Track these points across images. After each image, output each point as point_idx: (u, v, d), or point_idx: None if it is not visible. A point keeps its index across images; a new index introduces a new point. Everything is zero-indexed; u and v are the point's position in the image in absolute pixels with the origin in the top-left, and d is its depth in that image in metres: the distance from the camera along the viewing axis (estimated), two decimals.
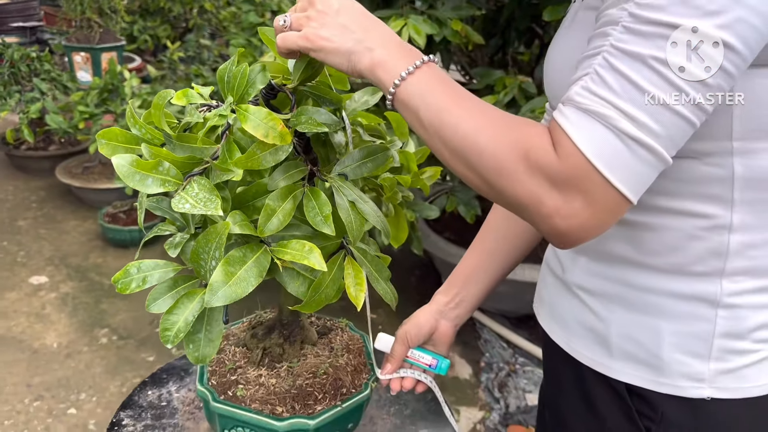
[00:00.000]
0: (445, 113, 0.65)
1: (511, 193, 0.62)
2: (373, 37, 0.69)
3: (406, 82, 0.67)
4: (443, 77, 0.68)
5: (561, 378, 0.89)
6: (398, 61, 0.68)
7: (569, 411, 0.87)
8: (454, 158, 0.66)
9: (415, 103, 0.67)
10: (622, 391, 0.78)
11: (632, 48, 0.56)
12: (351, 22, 0.69)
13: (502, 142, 0.61)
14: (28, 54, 3.61)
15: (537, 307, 0.98)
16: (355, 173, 0.81)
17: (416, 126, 0.69)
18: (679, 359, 0.74)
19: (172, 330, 0.74)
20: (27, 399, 2.14)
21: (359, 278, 0.80)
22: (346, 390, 0.98)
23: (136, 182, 0.70)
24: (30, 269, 2.94)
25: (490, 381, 2.34)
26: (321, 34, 0.69)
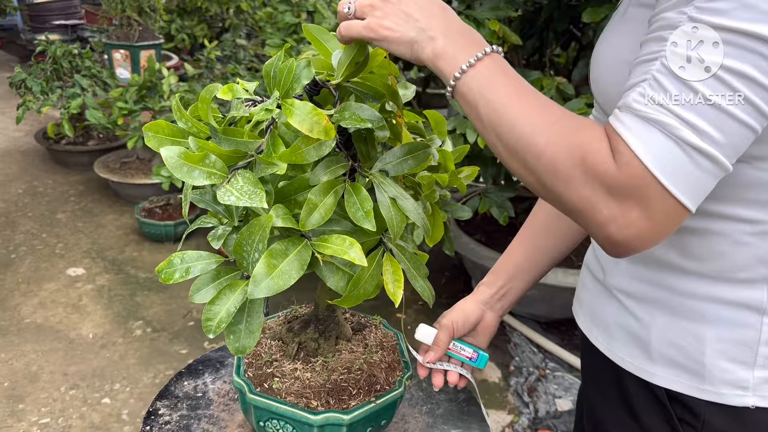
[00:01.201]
0: (503, 110, 0.63)
1: (567, 198, 0.61)
2: (436, 25, 0.68)
3: (467, 75, 0.66)
4: (505, 70, 0.66)
5: (601, 382, 0.88)
6: (460, 51, 0.66)
7: (609, 416, 0.86)
8: (510, 156, 0.65)
9: (474, 98, 0.66)
10: (663, 397, 0.77)
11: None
12: (415, 10, 0.68)
13: (560, 145, 0.60)
14: (70, 51, 3.69)
15: (576, 309, 0.97)
16: (396, 170, 0.81)
17: (474, 119, 0.68)
18: (723, 366, 0.72)
19: (214, 320, 0.75)
20: (63, 387, 2.19)
21: (397, 275, 0.81)
22: (380, 387, 0.98)
23: (183, 174, 0.71)
24: (68, 261, 3.00)
25: (519, 385, 2.32)
26: (384, 24, 0.68)
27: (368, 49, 0.79)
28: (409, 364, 1.05)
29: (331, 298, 0.83)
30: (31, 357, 2.33)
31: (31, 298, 2.69)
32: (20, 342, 2.41)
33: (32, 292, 2.74)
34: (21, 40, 7.29)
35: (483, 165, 2.15)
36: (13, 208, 3.52)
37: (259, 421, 0.96)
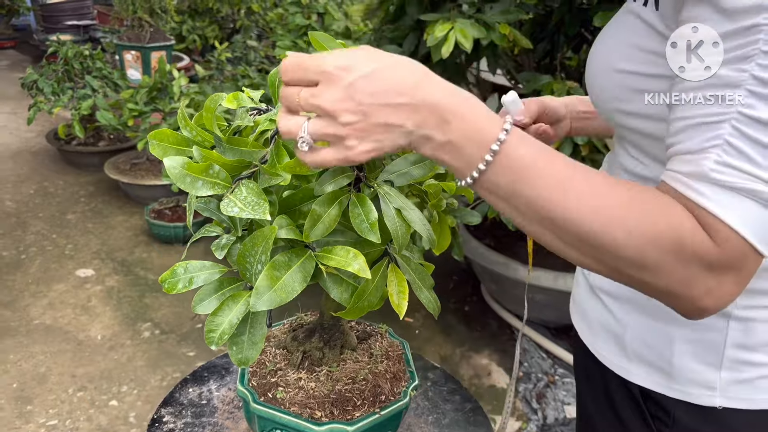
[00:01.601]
0: (552, 207, 0.55)
1: (656, 284, 0.57)
2: (423, 119, 0.55)
3: (489, 173, 0.56)
4: (534, 150, 0.57)
5: (589, 378, 0.91)
6: (468, 142, 0.55)
7: (596, 410, 0.89)
8: (572, 249, 0.58)
9: (505, 194, 0.57)
10: (638, 394, 0.79)
11: (766, 115, 0.52)
12: (392, 114, 0.54)
13: (645, 236, 0.54)
14: (81, 52, 3.71)
15: (571, 306, 0.99)
16: (402, 180, 0.80)
17: (509, 213, 0.59)
18: (690, 366, 0.74)
19: (216, 332, 0.75)
20: (71, 389, 2.19)
21: (402, 286, 0.80)
22: (385, 397, 0.97)
23: (186, 184, 0.70)
24: (77, 262, 3.01)
25: (528, 391, 2.30)
26: (365, 149, 0.56)
27: None
28: (414, 374, 1.04)
29: (336, 308, 0.83)
30: (39, 358, 2.34)
31: (41, 299, 2.70)
32: (29, 343, 2.42)
33: (42, 292, 2.75)
34: (34, 40, 7.35)
35: None
36: (24, 208, 3.54)
37: (263, 431, 0.96)
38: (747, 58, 0.52)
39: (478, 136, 0.55)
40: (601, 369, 0.85)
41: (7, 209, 3.51)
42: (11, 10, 7.77)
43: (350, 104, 0.53)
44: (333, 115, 0.54)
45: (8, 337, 2.44)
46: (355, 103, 0.53)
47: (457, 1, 2.01)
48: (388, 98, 0.54)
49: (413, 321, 2.67)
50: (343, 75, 0.53)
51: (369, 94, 0.53)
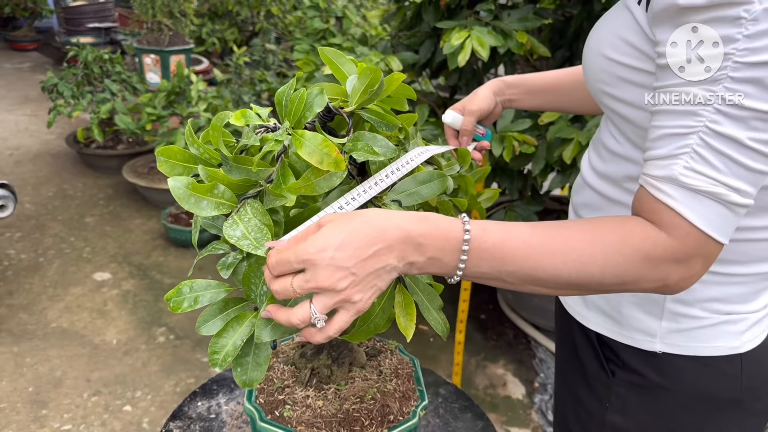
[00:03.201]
0: (533, 272, 0.65)
1: (639, 288, 0.66)
2: (403, 251, 0.63)
3: (469, 269, 0.65)
4: (498, 236, 0.65)
5: (562, 328, 1.05)
6: (444, 255, 0.64)
7: (565, 357, 1.03)
8: (564, 292, 0.68)
9: (492, 276, 0.66)
10: (594, 339, 0.93)
11: (729, 132, 0.61)
12: (375, 261, 0.62)
13: (616, 266, 0.64)
14: (100, 56, 3.74)
15: None
16: (409, 200, 0.79)
17: (501, 286, 0.69)
18: (636, 316, 0.87)
19: (220, 354, 0.74)
20: (86, 393, 2.20)
21: (410, 308, 0.78)
22: (394, 417, 0.95)
23: (191, 205, 0.70)
24: (94, 265, 3.03)
25: (544, 403, 2.27)
26: (369, 296, 0.64)
27: (383, 77, 0.77)
28: (424, 393, 1.02)
29: None
30: (55, 362, 2.36)
31: (58, 303, 2.72)
32: (45, 347, 2.44)
33: (59, 296, 2.77)
34: (56, 42, 7.44)
35: (509, 179, 2.11)
36: (43, 211, 3.58)
37: None
38: (716, 81, 0.61)
39: (449, 245, 0.64)
40: (569, 319, 0.99)
41: (27, 211, 3.55)
42: (34, 13, 7.87)
43: (340, 273, 0.61)
44: (331, 288, 0.61)
45: (25, 341, 2.46)
46: (343, 271, 0.61)
47: (475, 8, 1.99)
48: (366, 253, 0.61)
49: (428, 329, 2.65)
50: (322, 255, 0.60)
51: (349, 257, 0.61)
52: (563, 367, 1.05)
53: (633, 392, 0.89)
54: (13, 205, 2.33)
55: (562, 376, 1.05)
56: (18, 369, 2.31)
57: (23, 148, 4.51)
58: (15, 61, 7.27)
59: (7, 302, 2.70)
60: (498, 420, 2.18)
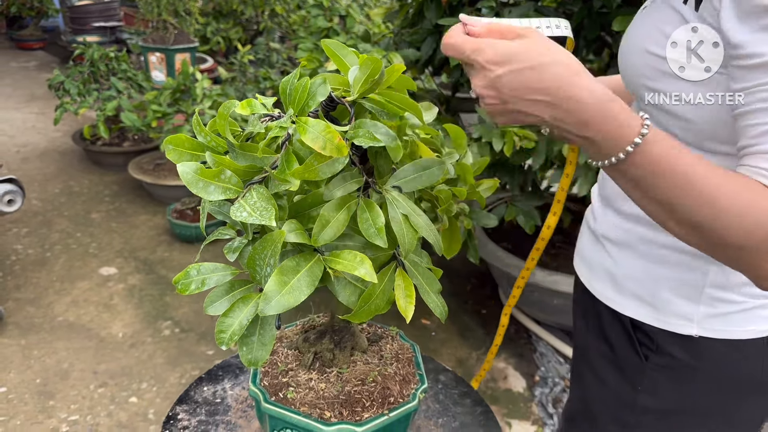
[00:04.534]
0: (674, 200, 0.64)
1: (753, 266, 0.65)
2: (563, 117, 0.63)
3: (621, 165, 0.65)
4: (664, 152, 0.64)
5: (586, 315, 1.05)
6: (604, 144, 0.64)
7: (590, 343, 1.03)
8: (684, 232, 0.67)
9: (628, 179, 0.66)
10: (627, 325, 0.94)
11: None
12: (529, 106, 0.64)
13: (742, 225, 0.62)
14: (106, 54, 3.78)
15: (575, 255, 1.12)
16: (409, 186, 0.81)
17: (634, 194, 0.68)
18: (674, 301, 0.89)
19: (227, 332, 0.77)
20: (92, 385, 2.24)
21: (409, 290, 0.81)
22: (394, 399, 0.98)
23: (199, 189, 0.73)
24: (101, 260, 3.07)
25: (544, 396, 2.30)
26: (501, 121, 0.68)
27: (383, 67, 0.80)
28: (424, 377, 1.05)
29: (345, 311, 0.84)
30: (62, 354, 2.39)
31: (64, 297, 2.76)
32: (53, 339, 2.48)
33: (65, 290, 2.81)
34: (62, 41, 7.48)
35: (509, 173, 2.14)
36: (50, 207, 3.61)
37: (274, 430, 0.98)
38: None
39: (614, 141, 0.63)
40: (597, 305, 1.00)
41: (34, 208, 3.59)
42: (40, 12, 7.92)
43: (492, 92, 0.64)
44: (480, 96, 0.66)
45: (32, 334, 2.50)
46: (496, 92, 0.64)
47: (476, 5, 2.02)
48: (528, 95, 0.62)
49: (429, 323, 2.67)
50: (492, 68, 0.62)
51: (511, 88, 0.62)
52: (587, 352, 1.05)
53: (665, 375, 0.92)
54: (21, 200, 2.36)
55: (586, 361, 1.06)
56: (25, 361, 2.34)
57: (30, 145, 4.55)
58: (21, 60, 7.32)
59: (15, 296, 2.74)
60: (499, 412, 2.20)
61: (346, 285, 0.80)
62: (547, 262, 2.50)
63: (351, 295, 0.80)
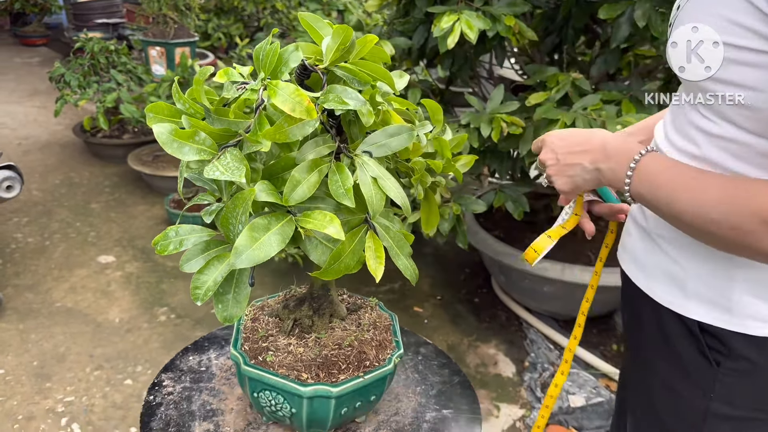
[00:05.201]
0: (674, 203, 0.77)
1: (755, 249, 0.72)
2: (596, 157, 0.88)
3: (632, 188, 0.82)
4: (661, 167, 0.80)
5: (642, 319, 0.99)
6: (619, 168, 0.84)
7: (650, 349, 0.97)
8: (693, 233, 0.79)
9: (647, 200, 0.82)
10: (695, 329, 0.88)
11: None
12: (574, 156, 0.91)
13: (738, 214, 0.71)
14: (106, 47, 3.82)
15: (620, 254, 1.06)
16: (379, 151, 0.85)
17: (654, 211, 0.83)
18: (749, 302, 0.83)
19: (202, 288, 0.80)
20: (88, 368, 2.28)
21: (379, 252, 0.84)
22: (370, 363, 1.02)
23: (174, 149, 0.76)
24: (99, 249, 3.11)
25: (533, 381, 2.33)
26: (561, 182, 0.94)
27: (353, 36, 0.83)
28: (400, 344, 1.08)
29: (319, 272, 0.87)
30: (59, 338, 2.43)
31: (62, 283, 2.80)
32: (50, 324, 2.51)
33: (64, 277, 2.85)
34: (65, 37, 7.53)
35: (498, 160, 2.17)
36: (50, 197, 3.66)
37: (253, 392, 1.01)
38: None
39: (623, 162, 0.83)
40: (656, 308, 0.93)
41: (34, 198, 3.63)
42: (43, 9, 7.98)
43: (551, 155, 0.94)
44: (542, 161, 0.98)
45: (30, 318, 2.54)
46: (553, 153, 0.94)
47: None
48: (572, 148, 0.91)
49: (422, 311, 2.71)
50: (551, 139, 0.95)
51: (561, 147, 0.92)
52: (648, 356, 0.98)
53: (740, 380, 0.86)
54: (19, 186, 2.40)
55: (648, 366, 0.99)
56: (23, 344, 2.38)
57: (32, 138, 4.60)
58: (25, 56, 7.38)
59: (14, 282, 2.78)
60: (488, 396, 2.23)
61: (317, 245, 0.84)
62: None
63: (322, 255, 0.83)
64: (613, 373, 2.32)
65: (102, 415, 2.06)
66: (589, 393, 2.26)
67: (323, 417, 1.00)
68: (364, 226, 0.86)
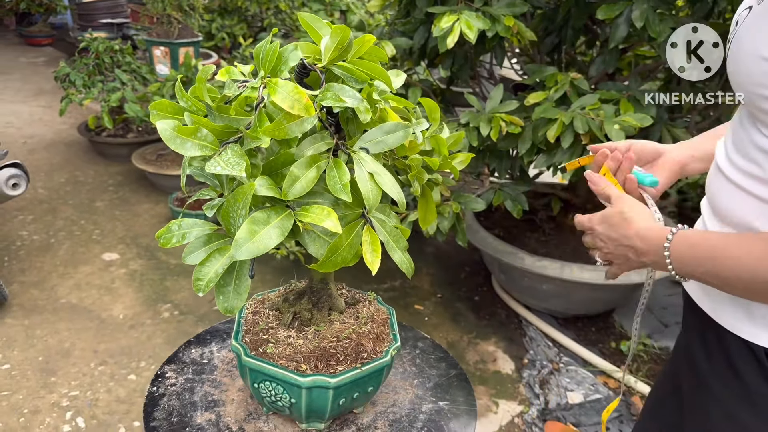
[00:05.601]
0: (722, 273, 0.78)
1: None
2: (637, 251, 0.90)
3: (677, 271, 0.84)
4: (694, 242, 0.82)
5: (705, 340, 0.95)
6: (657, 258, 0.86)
7: (711, 371, 0.92)
8: (753, 296, 0.79)
9: (695, 275, 0.83)
10: (762, 356, 0.84)
11: None
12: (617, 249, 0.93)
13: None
14: (111, 46, 3.85)
15: None
16: (376, 148, 0.87)
17: (712, 284, 0.83)
18: None
19: (203, 280, 0.83)
20: (92, 363, 2.31)
21: (375, 246, 0.87)
22: (367, 355, 1.04)
23: (177, 145, 0.79)
24: (103, 246, 3.14)
25: (532, 377, 2.35)
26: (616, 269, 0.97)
27: (351, 36, 0.86)
28: (397, 336, 1.11)
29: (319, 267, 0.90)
30: (64, 334, 2.46)
31: (67, 280, 2.83)
32: (55, 320, 2.55)
33: (68, 274, 2.88)
34: (70, 37, 7.58)
35: (497, 159, 2.19)
36: (55, 195, 3.69)
37: (254, 383, 1.04)
38: None
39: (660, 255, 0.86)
40: (719, 332, 0.90)
41: (40, 196, 3.66)
42: (49, 9, 8.02)
43: (601, 244, 0.96)
44: (594, 247, 0.98)
45: (36, 314, 2.57)
46: (603, 244, 0.95)
47: None
48: (619, 241, 0.92)
49: (423, 308, 2.73)
50: (595, 229, 0.96)
51: (607, 240, 0.94)
52: (710, 384, 0.93)
53: None
54: (25, 184, 2.43)
55: (709, 395, 0.93)
56: (29, 340, 2.42)
57: (37, 137, 4.64)
58: (30, 56, 7.42)
59: (20, 279, 2.81)
60: (487, 393, 2.26)
61: (315, 239, 0.86)
62: (536, 248, 2.55)
63: (320, 248, 0.86)
64: (611, 371, 2.34)
65: (106, 409, 2.09)
66: (587, 390, 2.28)
67: (322, 407, 1.02)
68: (361, 221, 0.89)
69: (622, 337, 2.57)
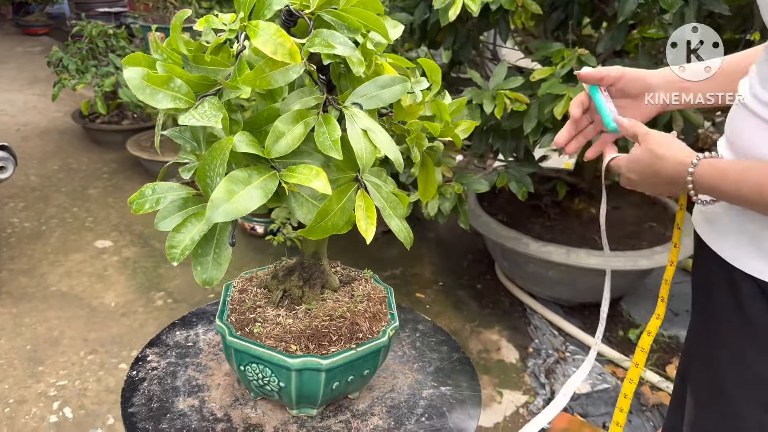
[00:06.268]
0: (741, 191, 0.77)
1: None
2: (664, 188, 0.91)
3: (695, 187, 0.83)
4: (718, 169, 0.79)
5: (711, 284, 0.94)
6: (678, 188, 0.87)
7: (719, 316, 0.92)
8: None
9: (727, 199, 0.81)
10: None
11: None
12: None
13: None
14: (105, 31, 3.77)
15: (695, 215, 1.01)
16: (370, 103, 0.79)
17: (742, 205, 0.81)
18: None
19: (178, 248, 0.75)
20: (82, 352, 2.23)
21: (370, 212, 0.79)
22: (363, 335, 0.96)
23: (146, 96, 0.70)
24: (96, 234, 3.06)
25: (537, 367, 2.27)
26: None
27: None
28: (395, 316, 1.02)
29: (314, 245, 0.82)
30: (53, 323, 2.38)
31: (58, 268, 2.75)
32: (45, 308, 2.47)
33: (59, 261, 2.80)
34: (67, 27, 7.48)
35: (501, 139, 2.11)
36: (48, 183, 3.61)
37: (240, 365, 0.96)
38: None
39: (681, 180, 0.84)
40: (728, 270, 0.88)
41: (32, 183, 3.58)
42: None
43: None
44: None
45: (24, 302, 2.50)
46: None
47: None
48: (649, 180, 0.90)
49: (424, 297, 2.65)
50: (626, 174, 0.95)
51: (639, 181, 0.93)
52: (716, 325, 0.93)
53: None
54: (12, 167, 2.35)
55: (716, 336, 0.93)
56: (16, 328, 2.34)
57: (31, 124, 4.56)
58: (26, 45, 7.34)
59: (9, 267, 2.74)
60: (490, 382, 2.18)
61: (303, 203, 0.78)
62: (541, 234, 2.47)
63: (308, 213, 0.78)
64: (619, 360, 2.26)
65: (95, 399, 2.01)
66: (595, 379, 2.20)
67: (313, 391, 0.94)
68: (355, 185, 0.80)
69: (630, 326, 2.49)
